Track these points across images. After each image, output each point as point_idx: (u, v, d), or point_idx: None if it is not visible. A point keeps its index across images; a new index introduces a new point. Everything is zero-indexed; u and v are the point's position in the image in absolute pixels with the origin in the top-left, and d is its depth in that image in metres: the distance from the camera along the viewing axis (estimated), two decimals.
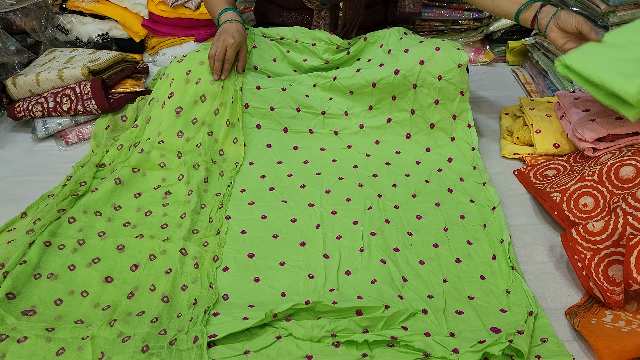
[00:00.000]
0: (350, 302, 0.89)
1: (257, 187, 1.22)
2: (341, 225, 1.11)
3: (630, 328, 0.86)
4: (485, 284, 0.99)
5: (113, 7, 1.82)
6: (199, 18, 1.81)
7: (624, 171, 1.10)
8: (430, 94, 1.33)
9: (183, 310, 0.92)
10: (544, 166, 1.29)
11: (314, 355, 0.82)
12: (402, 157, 1.33)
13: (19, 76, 1.48)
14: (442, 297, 0.96)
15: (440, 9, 1.83)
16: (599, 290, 0.92)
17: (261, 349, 0.84)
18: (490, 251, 1.06)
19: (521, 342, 0.83)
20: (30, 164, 1.37)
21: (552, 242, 1.10)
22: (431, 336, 0.85)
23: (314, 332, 0.85)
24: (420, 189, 1.23)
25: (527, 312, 0.92)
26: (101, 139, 1.39)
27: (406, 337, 0.84)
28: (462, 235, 1.10)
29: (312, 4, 1.37)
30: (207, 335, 0.83)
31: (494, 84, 1.76)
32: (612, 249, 0.96)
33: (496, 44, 1.96)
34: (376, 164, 1.30)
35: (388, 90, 1.33)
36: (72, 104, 1.44)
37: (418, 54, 1.31)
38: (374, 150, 1.34)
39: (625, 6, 1.40)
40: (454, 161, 1.31)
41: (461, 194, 1.21)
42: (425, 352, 0.82)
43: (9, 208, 1.19)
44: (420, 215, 1.14)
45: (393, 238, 1.08)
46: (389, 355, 0.83)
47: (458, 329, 0.90)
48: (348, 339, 0.84)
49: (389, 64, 1.32)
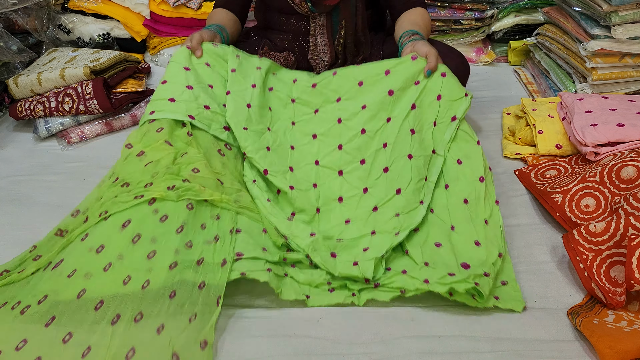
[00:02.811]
0: (345, 267, 0.99)
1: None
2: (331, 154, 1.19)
3: (633, 328, 0.86)
4: (467, 208, 1.07)
5: (115, 7, 1.82)
6: (200, 18, 1.82)
7: (625, 172, 1.10)
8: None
9: (207, 221, 0.97)
10: (545, 166, 1.29)
11: (311, 295, 0.97)
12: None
13: (21, 76, 1.48)
14: (426, 228, 1.05)
15: (441, 9, 1.83)
16: (600, 291, 0.92)
17: (276, 274, 0.97)
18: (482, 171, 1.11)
19: (484, 285, 0.93)
20: (32, 163, 1.37)
21: (554, 242, 1.10)
22: (407, 272, 0.98)
23: (313, 277, 0.99)
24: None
25: (497, 253, 1.00)
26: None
27: (387, 281, 0.97)
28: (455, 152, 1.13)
29: (300, 9, 1.36)
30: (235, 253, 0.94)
31: (495, 84, 1.76)
32: (614, 250, 0.96)
33: (498, 43, 1.96)
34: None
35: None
36: (73, 103, 1.44)
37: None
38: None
39: (628, 6, 1.40)
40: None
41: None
42: (401, 289, 0.95)
43: (11, 207, 1.19)
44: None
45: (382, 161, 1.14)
46: (372, 294, 0.97)
47: (433, 260, 1.00)
48: (340, 284, 0.98)
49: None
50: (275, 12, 1.43)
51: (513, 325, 0.91)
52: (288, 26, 1.42)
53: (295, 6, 1.35)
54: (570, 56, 1.58)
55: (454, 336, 0.89)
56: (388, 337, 0.89)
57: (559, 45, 1.64)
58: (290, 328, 0.91)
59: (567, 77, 1.61)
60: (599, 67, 1.48)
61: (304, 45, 1.43)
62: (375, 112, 1.19)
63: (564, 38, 1.60)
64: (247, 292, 0.99)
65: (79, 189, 1.25)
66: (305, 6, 1.34)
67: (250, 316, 0.93)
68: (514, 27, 1.90)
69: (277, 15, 1.43)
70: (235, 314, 0.94)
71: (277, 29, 1.46)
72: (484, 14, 1.83)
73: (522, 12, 1.90)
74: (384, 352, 0.86)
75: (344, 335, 0.90)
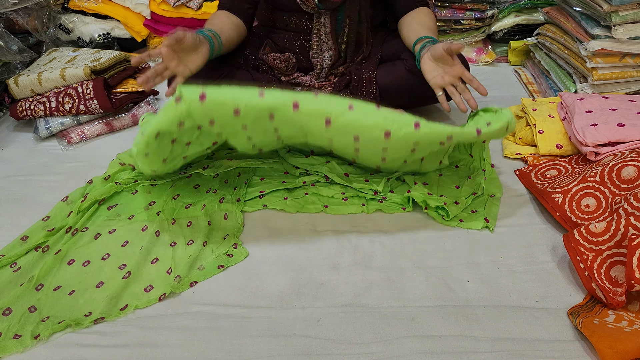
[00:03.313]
0: (358, 181, 1.22)
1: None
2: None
3: (633, 328, 0.86)
4: (459, 171, 1.28)
5: (115, 7, 1.82)
6: (200, 18, 1.82)
7: (625, 172, 1.10)
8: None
9: (230, 178, 1.27)
10: (545, 166, 1.29)
11: (329, 204, 1.19)
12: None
13: (21, 76, 1.48)
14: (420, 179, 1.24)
15: (442, 9, 1.83)
16: (601, 291, 0.92)
17: (295, 198, 1.21)
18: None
19: (452, 208, 1.15)
20: (32, 163, 1.37)
21: (555, 242, 1.10)
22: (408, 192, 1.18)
23: (331, 191, 1.22)
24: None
25: (472, 192, 1.20)
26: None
27: (391, 197, 1.20)
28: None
29: (307, 7, 1.35)
30: (259, 192, 1.21)
31: (496, 84, 1.76)
32: (614, 250, 0.96)
33: (498, 43, 1.96)
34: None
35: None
36: (74, 103, 1.44)
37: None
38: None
39: (628, 6, 1.40)
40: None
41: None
42: (403, 207, 1.19)
43: (11, 207, 1.20)
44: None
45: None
46: (379, 206, 1.19)
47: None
48: (353, 194, 1.21)
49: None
50: (277, 10, 1.43)
51: (513, 325, 0.91)
52: (289, 24, 1.42)
53: (301, 2, 1.34)
54: (570, 56, 1.58)
55: (454, 336, 0.89)
56: (388, 337, 0.89)
57: (559, 45, 1.64)
58: (290, 328, 0.91)
59: (567, 77, 1.61)
60: (599, 67, 1.48)
61: (305, 44, 1.43)
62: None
63: (564, 38, 1.60)
64: (247, 292, 0.99)
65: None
66: (312, 2, 1.33)
67: (250, 316, 0.93)
68: (514, 27, 1.90)
69: (278, 12, 1.43)
70: (236, 314, 0.94)
71: (278, 27, 1.45)
72: (484, 14, 1.83)
73: (522, 12, 1.90)
74: (384, 352, 0.86)
75: (344, 335, 0.90)
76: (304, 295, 0.98)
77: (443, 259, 1.06)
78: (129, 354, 0.86)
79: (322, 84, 1.45)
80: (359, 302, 0.96)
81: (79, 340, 0.88)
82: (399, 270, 1.04)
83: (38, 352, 0.86)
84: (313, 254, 1.07)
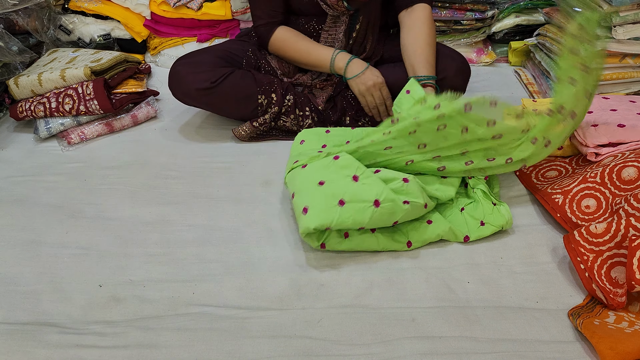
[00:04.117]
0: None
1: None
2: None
3: (633, 329, 0.86)
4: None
5: (115, 8, 1.82)
6: (200, 18, 1.82)
7: (626, 172, 1.10)
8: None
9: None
10: (546, 167, 1.28)
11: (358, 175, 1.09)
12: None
13: (22, 76, 1.48)
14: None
15: (442, 9, 1.83)
16: (601, 292, 0.92)
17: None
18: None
19: (458, 234, 1.12)
20: (32, 164, 1.37)
21: (555, 242, 1.10)
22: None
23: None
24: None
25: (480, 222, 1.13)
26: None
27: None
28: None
29: (334, 10, 1.36)
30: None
31: (496, 85, 1.76)
32: (615, 251, 0.96)
33: (498, 44, 1.96)
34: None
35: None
36: (74, 104, 1.44)
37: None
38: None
39: (628, 6, 1.40)
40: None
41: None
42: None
43: (12, 208, 1.19)
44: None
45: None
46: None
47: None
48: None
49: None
50: (289, 13, 1.44)
51: (514, 326, 0.91)
52: (297, 26, 1.43)
53: (328, 7, 1.36)
54: None
55: (454, 337, 0.89)
56: (389, 337, 0.89)
57: (559, 46, 1.64)
58: (290, 328, 0.91)
59: None
60: None
61: None
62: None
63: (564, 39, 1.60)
64: (247, 292, 0.99)
65: (79, 190, 1.26)
66: (341, 5, 1.35)
67: (251, 317, 0.93)
68: (514, 27, 1.90)
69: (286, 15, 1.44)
70: (235, 315, 0.94)
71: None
72: (484, 15, 1.83)
73: (522, 12, 1.90)
74: (385, 353, 0.86)
75: (344, 335, 0.90)
76: (304, 296, 0.98)
77: (443, 260, 1.06)
78: (129, 355, 0.86)
79: (323, 84, 1.45)
80: (359, 303, 0.96)
81: (79, 341, 0.89)
82: (399, 270, 1.04)
83: (38, 353, 0.86)
84: (313, 255, 1.07)
